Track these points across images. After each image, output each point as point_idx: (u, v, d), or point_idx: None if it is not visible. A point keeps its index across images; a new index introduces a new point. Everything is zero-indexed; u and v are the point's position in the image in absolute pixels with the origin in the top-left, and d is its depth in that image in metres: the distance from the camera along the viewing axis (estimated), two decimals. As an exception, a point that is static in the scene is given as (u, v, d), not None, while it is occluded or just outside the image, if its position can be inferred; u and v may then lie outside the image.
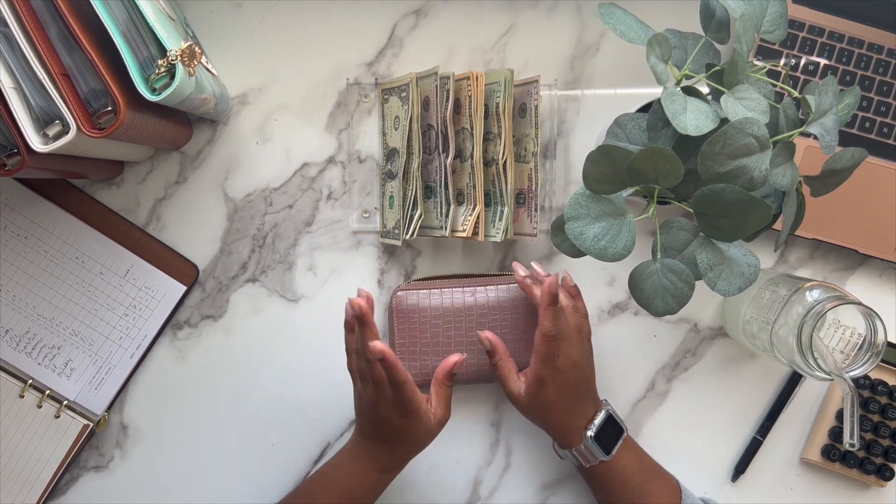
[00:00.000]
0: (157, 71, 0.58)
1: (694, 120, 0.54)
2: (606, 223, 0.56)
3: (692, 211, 0.56)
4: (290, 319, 0.77)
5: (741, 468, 0.77)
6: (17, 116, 0.56)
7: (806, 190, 0.62)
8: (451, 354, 0.67)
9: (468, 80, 0.71)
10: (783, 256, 0.78)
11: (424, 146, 0.74)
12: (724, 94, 0.56)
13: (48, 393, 0.74)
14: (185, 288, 0.76)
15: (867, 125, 0.75)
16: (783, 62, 0.75)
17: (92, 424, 0.75)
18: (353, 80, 0.77)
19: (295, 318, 0.77)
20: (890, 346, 0.75)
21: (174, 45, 0.58)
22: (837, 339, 0.69)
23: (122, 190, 0.77)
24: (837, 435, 0.76)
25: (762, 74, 0.60)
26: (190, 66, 0.59)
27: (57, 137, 0.57)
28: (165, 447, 0.77)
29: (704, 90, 0.59)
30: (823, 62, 0.75)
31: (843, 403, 0.66)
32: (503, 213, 0.72)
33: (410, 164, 0.72)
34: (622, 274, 0.78)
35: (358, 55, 0.77)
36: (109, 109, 0.57)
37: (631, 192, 0.58)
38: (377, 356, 0.59)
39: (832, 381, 0.62)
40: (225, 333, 0.77)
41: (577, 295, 0.71)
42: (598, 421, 0.68)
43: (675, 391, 0.78)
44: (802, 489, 0.78)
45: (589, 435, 0.68)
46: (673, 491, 0.70)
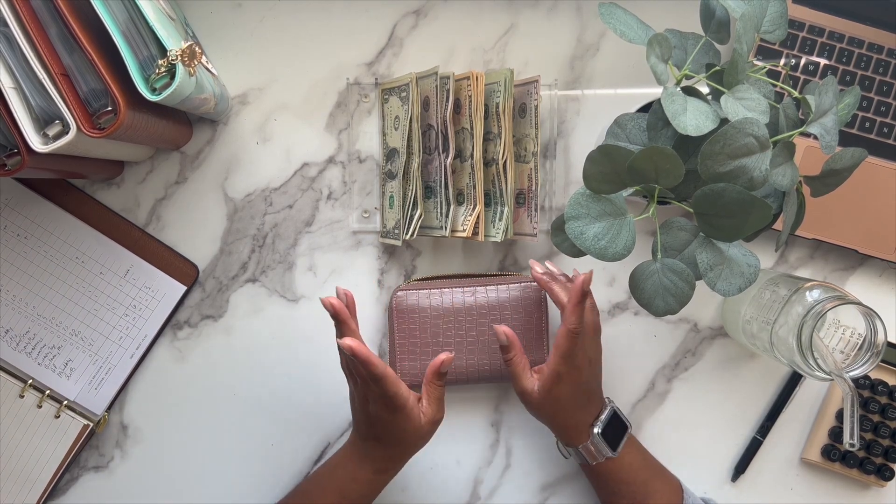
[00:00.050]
0: (157, 71, 0.58)
1: (694, 120, 0.54)
2: (606, 223, 0.56)
3: (692, 211, 0.56)
4: (290, 319, 0.77)
5: (741, 468, 0.77)
6: (17, 116, 0.56)
7: (806, 190, 0.62)
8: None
9: (468, 80, 0.71)
10: (783, 256, 0.78)
11: (424, 146, 0.74)
12: (724, 94, 0.56)
13: (48, 393, 0.74)
14: (185, 288, 0.76)
15: (867, 125, 0.75)
16: (783, 62, 0.75)
17: (92, 424, 0.75)
18: (353, 80, 0.77)
19: (295, 318, 0.77)
20: (890, 346, 0.75)
21: (174, 44, 0.58)
22: (837, 339, 0.69)
23: (122, 190, 0.77)
24: (837, 435, 0.76)
25: (762, 74, 0.60)
26: (190, 66, 0.59)
27: (57, 137, 0.57)
28: (165, 447, 0.77)
29: (704, 90, 0.59)
30: (823, 62, 0.75)
31: (843, 403, 0.66)
32: (503, 213, 0.72)
33: (410, 164, 0.72)
34: (622, 274, 0.78)
35: (358, 55, 0.77)
36: (109, 109, 0.57)
37: (631, 191, 0.58)
38: (347, 352, 0.59)
39: (832, 381, 0.62)
40: (225, 333, 0.77)
41: (589, 293, 0.71)
42: (604, 417, 0.68)
43: (675, 391, 0.78)
44: (802, 489, 0.78)
45: (596, 431, 0.67)
46: (675, 490, 0.70)
